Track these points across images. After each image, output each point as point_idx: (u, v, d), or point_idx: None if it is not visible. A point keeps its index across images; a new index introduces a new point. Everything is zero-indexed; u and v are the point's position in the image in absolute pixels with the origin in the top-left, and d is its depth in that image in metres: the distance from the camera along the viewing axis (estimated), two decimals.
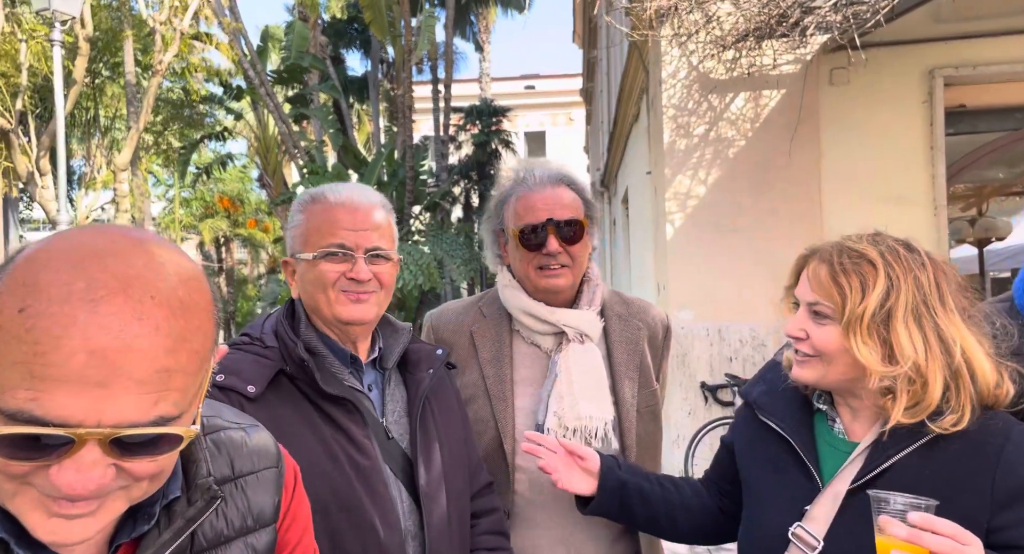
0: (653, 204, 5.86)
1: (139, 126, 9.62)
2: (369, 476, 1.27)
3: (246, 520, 0.81)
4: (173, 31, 9.55)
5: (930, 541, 0.93)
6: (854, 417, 1.20)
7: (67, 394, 0.57)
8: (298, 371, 1.26)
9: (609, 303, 1.71)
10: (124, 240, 0.64)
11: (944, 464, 1.09)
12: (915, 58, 4.87)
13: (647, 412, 1.66)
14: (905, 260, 1.13)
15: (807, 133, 4.98)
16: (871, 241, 1.17)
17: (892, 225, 4.90)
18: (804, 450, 1.19)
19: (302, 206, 1.35)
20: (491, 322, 1.67)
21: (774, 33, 4.29)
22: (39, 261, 0.60)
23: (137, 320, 0.60)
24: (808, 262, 1.20)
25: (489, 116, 15.64)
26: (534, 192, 1.60)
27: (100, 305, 0.59)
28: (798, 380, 1.21)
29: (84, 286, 0.59)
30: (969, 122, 5.23)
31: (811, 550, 1.13)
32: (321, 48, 13.89)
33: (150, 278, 0.62)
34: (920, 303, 1.10)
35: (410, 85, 11.88)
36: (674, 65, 5.16)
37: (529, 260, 1.58)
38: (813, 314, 1.17)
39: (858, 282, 1.11)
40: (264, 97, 12.01)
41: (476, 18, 20.55)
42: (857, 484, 1.12)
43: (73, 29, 8.39)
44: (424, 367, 1.42)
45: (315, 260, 1.30)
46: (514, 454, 1.59)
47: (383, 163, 11.71)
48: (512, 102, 18.79)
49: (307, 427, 1.25)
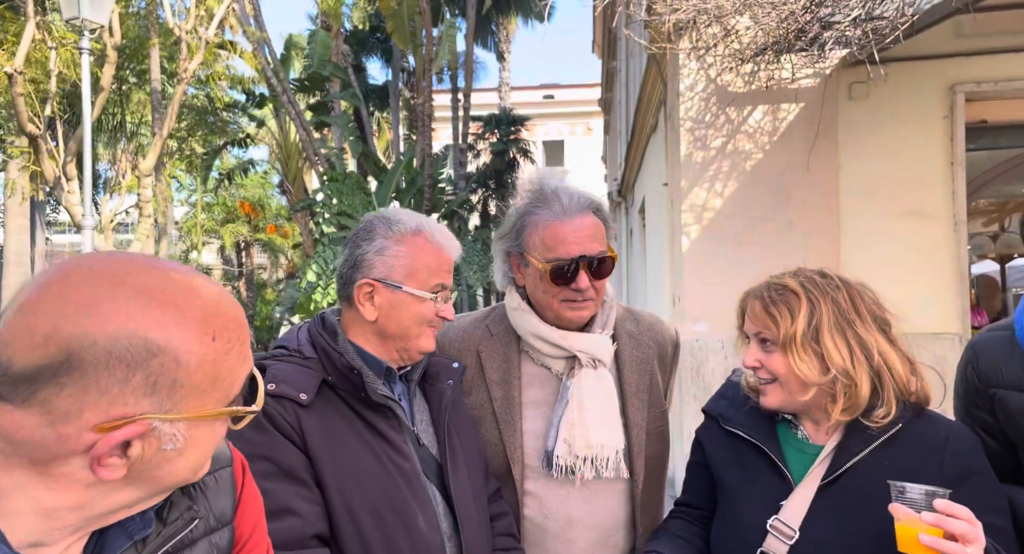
0: (669, 216, 5.86)
1: (163, 133, 9.78)
2: (411, 479, 1.33)
3: (208, 522, 0.85)
4: (199, 40, 9.72)
5: (954, 524, 1.04)
6: (816, 425, 1.39)
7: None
8: (341, 380, 1.32)
9: (620, 321, 1.68)
10: (216, 285, 0.77)
11: (900, 458, 1.28)
12: (936, 73, 4.83)
13: (655, 434, 1.65)
14: (821, 286, 1.34)
15: (825, 147, 4.95)
16: (792, 275, 1.39)
17: (911, 240, 4.84)
18: (775, 454, 1.37)
19: (402, 236, 1.38)
20: (499, 341, 1.64)
21: (793, 47, 4.28)
22: (213, 299, 0.72)
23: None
24: (747, 302, 1.42)
25: (508, 125, 15.72)
26: (564, 223, 1.52)
27: (245, 346, 0.75)
28: (767, 407, 1.39)
29: (238, 335, 0.74)
30: (991, 138, 5.17)
31: (788, 539, 1.28)
32: (343, 57, 14.06)
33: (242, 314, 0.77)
34: (840, 318, 1.31)
35: (430, 94, 11.99)
36: (692, 78, 5.17)
37: (555, 294, 1.55)
38: (761, 343, 1.37)
39: (786, 309, 1.32)
40: (286, 105, 12.18)
41: (497, 27, 20.67)
42: (827, 480, 1.29)
43: (102, 37, 8.57)
44: (444, 378, 1.49)
45: (423, 298, 1.37)
46: (523, 480, 1.57)
47: (402, 171, 11.81)
48: (531, 111, 18.86)
49: (353, 433, 1.31)
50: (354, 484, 1.28)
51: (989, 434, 1.41)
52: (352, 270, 1.39)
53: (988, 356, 1.40)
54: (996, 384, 1.38)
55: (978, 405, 1.42)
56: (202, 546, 0.83)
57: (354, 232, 1.44)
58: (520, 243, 1.59)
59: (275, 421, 1.26)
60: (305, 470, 1.26)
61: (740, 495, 1.40)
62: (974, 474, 1.27)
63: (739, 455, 1.43)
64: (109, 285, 0.66)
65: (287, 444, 1.26)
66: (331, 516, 1.27)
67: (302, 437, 1.27)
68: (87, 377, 0.63)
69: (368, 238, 1.39)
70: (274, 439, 1.25)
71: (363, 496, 1.28)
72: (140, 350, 0.65)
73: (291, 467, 1.24)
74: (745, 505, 1.38)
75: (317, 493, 1.27)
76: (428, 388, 1.48)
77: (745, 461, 1.41)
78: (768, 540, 1.31)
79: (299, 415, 1.27)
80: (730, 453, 1.45)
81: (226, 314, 0.72)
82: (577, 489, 1.57)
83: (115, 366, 0.64)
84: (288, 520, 1.20)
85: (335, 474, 1.27)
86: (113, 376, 0.64)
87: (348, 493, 1.27)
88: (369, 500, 1.28)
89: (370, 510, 1.27)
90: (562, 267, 1.52)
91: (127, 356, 0.64)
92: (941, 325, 4.55)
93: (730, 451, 1.45)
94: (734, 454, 1.44)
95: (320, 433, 1.28)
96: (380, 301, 1.37)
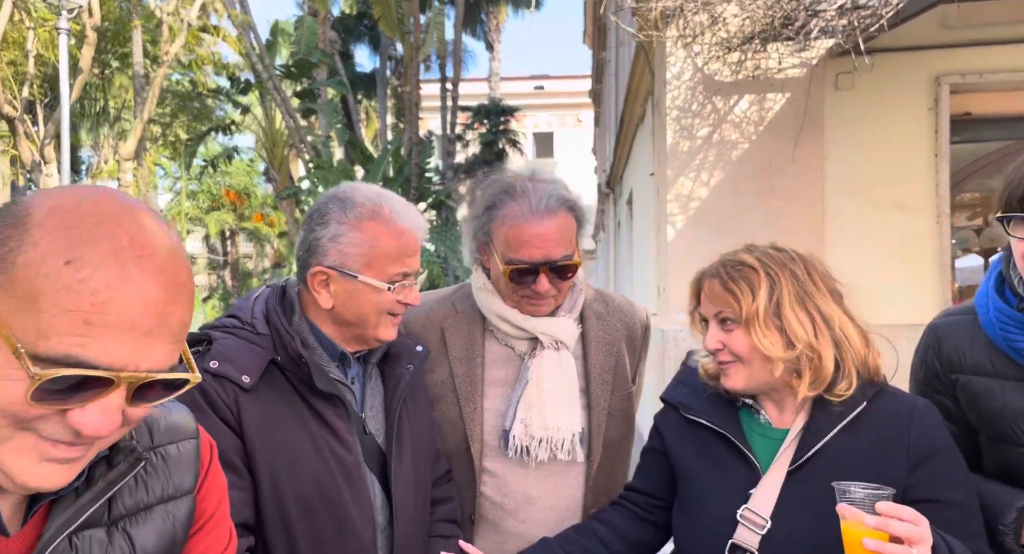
0: (655, 206, 5.84)
1: (144, 116, 9.64)
2: (351, 472, 1.28)
3: (166, 489, 0.83)
4: (180, 22, 9.57)
5: (896, 527, 1.02)
6: (778, 408, 1.35)
7: (117, 341, 0.63)
8: (290, 364, 1.26)
9: (588, 302, 1.66)
10: (134, 203, 0.70)
11: (866, 438, 1.26)
12: (922, 64, 4.83)
13: (620, 415, 1.63)
14: (778, 259, 1.31)
15: (811, 137, 4.94)
16: (746, 250, 1.35)
17: (895, 232, 4.85)
18: (741, 442, 1.32)
19: (357, 221, 1.29)
20: (464, 319, 1.62)
21: (779, 36, 4.26)
22: (71, 214, 0.64)
23: (174, 278, 0.67)
24: (702, 283, 1.37)
25: (497, 115, 15.66)
26: (530, 224, 1.45)
27: (146, 262, 0.65)
28: (729, 390, 1.34)
29: (127, 243, 0.65)
30: (975, 130, 5.18)
31: (760, 528, 1.24)
32: (330, 44, 13.91)
33: (173, 241, 0.69)
34: (799, 291, 1.28)
35: (417, 82, 11.90)
36: (679, 66, 5.14)
37: (514, 289, 1.52)
38: (720, 323, 1.32)
39: (746, 285, 1.28)
40: (272, 91, 12.04)
41: (487, 16, 20.54)
42: (795, 465, 1.26)
43: (81, 18, 8.42)
44: (404, 362, 1.43)
45: (382, 289, 1.29)
46: (481, 457, 1.56)
47: (389, 159, 11.72)
48: (521, 102, 18.79)
49: (295, 420, 1.26)
50: (287, 474, 1.23)
51: (949, 419, 1.38)
52: (307, 254, 1.32)
53: (950, 341, 1.38)
54: (959, 369, 1.35)
55: (938, 390, 1.40)
56: (159, 512, 0.81)
57: (309, 213, 1.35)
58: (487, 232, 1.54)
59: (213, 402, 1.21)
60: (237, 455, 1.22)
61: (706, 485, 1.35)
62: (938, 451, 1.25)
63: (702, 444, 1.38)
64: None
65: (222, 427, 1.21)
66: (259, 504, 1.23)
67: (239, 421, 1.22)
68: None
69: (322, 222, 1.30)
70: (210, 421, 1.20)
71: (295, 486, 1.23)
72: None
73: (223, 452, 1.18)
74: (712, 495, 1.33)
75: (247, 480, 1.22)
76: (387, 370, 1.43)
77: (709, 450, 1.37)
78: (739, 531, 1.26)
79: (239, 398, 1.22)
80: (692, 442, 1.40)
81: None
82: (535, 469, 1.55)
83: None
84: None
85: (268, 462, 1.23)
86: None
87: (279, 482, 1.23)
88: (300, 490, 1.24)
89: (300, 501, 1.23)
90: (522, 271, 1.47)
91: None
92: (923, 316, 4.55)
93: (692, 440, 1.40)
94: (696, 443, 1.39)
95: (259, 418, 1.23)
96: (336, 289, 1.30)
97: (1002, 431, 1.29)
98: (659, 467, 1.47)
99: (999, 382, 1.29)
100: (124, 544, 0.76)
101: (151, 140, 14.19)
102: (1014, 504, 1.24)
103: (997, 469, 1.34)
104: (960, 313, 1.41)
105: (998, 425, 1.29)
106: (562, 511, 1.57)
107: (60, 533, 0.71)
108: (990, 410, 1.30)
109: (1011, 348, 1.27)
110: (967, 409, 1.36)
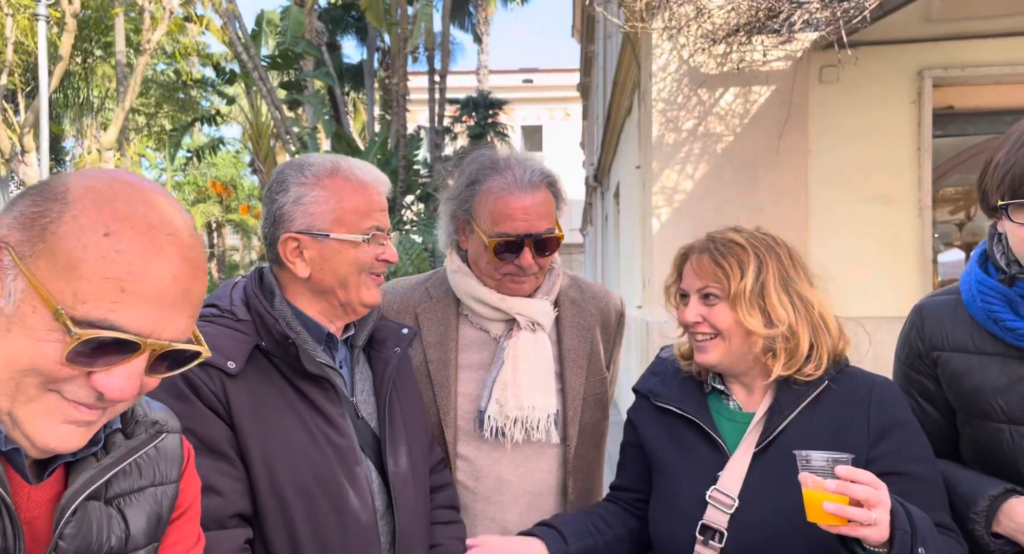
0: (641, 198, 5.84)
1: (125, 105, 9.52)
2: (346, 456, 1.26)
3: (156, 475, 0.87)
4: (163, 10, 9.44)
5: (855, 490, 1.05)
6: (747, 391, 1.38)
7: (147, 309, 0.69)
8: (275, 348, 1.23)
9: (564, 288, 1.67)
10: (157, 187, 0.77)
11: (828, 415, 1.29)
12: (905, 58, 4.85)
13: (594, 400, 1.64)
14: (765, 241, 1.35)
15: (795, 130, 4.96)
16: (734, 230, 1.38)
17: (877, 225, 4.89)
18: (708, 425, 1.35)
19: (317, 179, 1.26)
20: (438, 304, 1.62)
21: (764, 28, 4.26)
22: (105, 192, 0.71)
23: (197, 254, 0.75)
24: (687, 258, 1.39)
25: (485, 108, 15.59)
26: (514, 197, 1.48)
27: (175, 239, 0.72)
28: (703, 364, 1.37)
29: (159, 221, 0.72)
30: (958, 124, 5.21)
31: (728, 508, 1.28)
32: (317, 34, 13.76)
33: (191, 221, 0.77)
34: (784, 274, 1.32)
35: (405, 74, 11.81)
36: (664, 58, 5.13)
37: (497, 266, 1.52)
38: (703, 298, 1.34)
39: (736, 263, 1.31)
40: (257, 82, 11.92)
41: (475, 9, 20.43)
42: (761, 446, 1.30)
43: (60, 4, 8.28)
44: (391, 345, 1.41)
45: (356, 242, 1.25)
46: (455, 442, 1.55)
47: (376, 151, 11.64)
48: (509, 95, 18.72)
49: (285, 405, 1.23)
50: (282, 460, 1.20)
51: (929, 400, 1.40)
52: (273, 228, 1.28)
53: (933, 319, 1.39)
54: (940, 346, 1.36)
55: (919, 370, 1.41)
56: (149, 494, 0.85)
57: (267, 187, 1.31)
58: (468, 209, 1.55)
59: (199, 390, 1.17)
60: (229, 444, 1.18)
61: (677, 470, 1.37)
62: (898, 425, 1.28)
63: (672, 431, 1.40)
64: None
65: (210, 415, 1.18)
66: (255, 493, 1.20)
67: (227, 408, 1.19)
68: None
69: (282, 189, 1.27)
70: (197, 410, 1.17)
71: (291, 473, 1.21)
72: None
73: (214, 441, 1.17)
74: (682, 479, 1.36)
75: (241, 469, 1.19)
76: (374, 355, 1.40)
77: (679, 436, 1.39)
78: (708, 511, 1.29)
79: (225, 384, 1.19)
80: (663, 430, 1.42)
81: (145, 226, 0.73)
82: (508, 452, 1.55)
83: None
84: (209, 498, 1.11)
85: (261, 449, 1.19)
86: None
87: (274, 469, 1.20)
88: (297, 477, 1.21)
89: (297, 488, 1.20)
90: (507, 243, 1.48)
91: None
92: (905, 308, 4.58)
93: (663, 428, 1.42)
94: (668, 430, 1.41)
95: (248, 405, 1.20)
96: (311, 255, 1.26)
97: (980, 407, 1.29)
98: (636, 461, 1.48)
99: (979, 358, 1.30)
100: (119, 520, 0.81)
101: (135, 130, 14.02)
102: (986, 492, 1.24)
103: (974, 453, 1.34)
104: (944, 294, 1.43)
105: (976, 401, 1.29)
106: (534, 495, 1.57)
107: (86, 488, 0.76)
108: (969, 386, 1.30)
109: (990, 318, 1.27)
110: (947, 388, 1.36)
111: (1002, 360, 1.27)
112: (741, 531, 1.26)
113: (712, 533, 1.28)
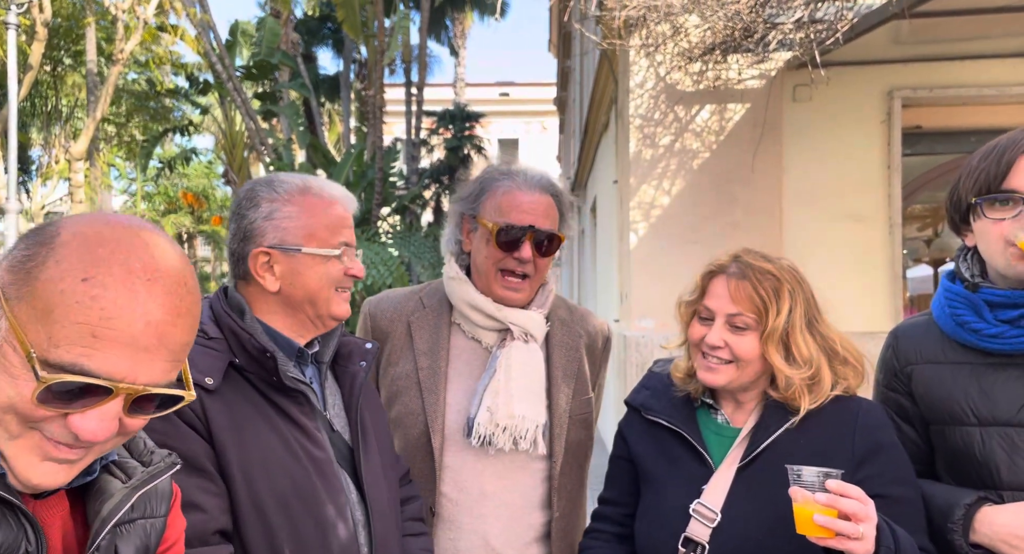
0: (618, 213, 5.88)
1: (97, 115, 9.35)
2: (325, 469, 1.27)
3: (146, 508, 0.89)
4: (136, 20, 9.31)
5: (844, 504, 1.08)
6: (738, 407, 1.40)
7: (118, 354, 0.70)
8: (250, 363, 1.24)
9: (554, 308, 1.70)
10: (153, 230, 0.78)
11: (814, 435, 1.31)
12: (875, 78, 4.97)
13: (579, 420, 1.64)
14: (794, 276, 1.34)
15: (770, 147, 5.04)
16: (764, 258, 1.36)
17: (849, 242, 4.97)
18: (695, 439, 1.37)
19: (289, 196, 1.29)
20: (431, 313, 1.65)
21: (739, 47, 4.33)
22: (91, 238, 0.72)
23: (179, 301, 0.74)
24: (715, 277, 1.36)
25: (462, 121, 15.61)
26: (523, 192, 1.57)
27: (155, 285, 0.72)
28: (709, 384, 1.36)
29: (140, 266, 0.72)
30: (927, 144, 5.34)
31: (710, 522, 1.29)
32: (293, 45, 13.71)
33: (182, 267, 0.77)
34: (810, 313, 1.33)
35: (381, 86, 11.79)
36: (642, 75, 5.19)
37: (496, 259, 1.56)
38: (731, 326, 1.32)
39: (774, 296, 1.30)
40: (232, 92, 11.80)
41: (452, 22, 20.53)
42: (745, 462, 1.31)
43: (31, 13, 8.13)
44: (356, 359, 1.43)
45: (328, 256, 1.28)
46: (442, 451, 1.56)
47: (352, 163, 11.57)
48: (486, 108, 18.78)
49: (262, 420, 1.23)
50: (262, 475, 1.20)
51: (905, 420, 1.43)
52: (243, 243, 1.29)
53: (907, 338, 1.45)
54: (914, 361, 1.41)
55: (895, 388, 1.44)
56: (140, 526, 0.87)
57: (236, 203, 1.33)
58: (476, 206, 1.61)
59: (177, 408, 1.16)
60: (209, 460, 1.18)
61: (663, 482, 1.39)
62: (882, 448, 1.30)
63: (661, 444, 1.42)
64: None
65: (189, 432, 1.17)
66: (236, 509, 1.19)
67: (206, 425, 1.18)
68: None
69: (253, 205, 1.29)
70: (176, 427, 1.16)
71: (271, 487, 1.21)
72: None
73: (194, 457, 1.16)
74: (668, 491, 1.37)
75: (221, 485, 1.18)
76: (339, 370, 1.42)
77: (667, 449, 1.40)
78: (691, 524, 1.30)
79: (204, 401, 1.18)
80: (652, 443, 1.43)
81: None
82: (492, 463, 1.56)
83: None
84: (191, 514, 1.10)
85: (241, 464, 1.19)
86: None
87: (255, 484, 1.19)
88: (277, 491, 1.21)
89: (278, 502, 1.20)
90: (510, 231, 1.53)
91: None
92: (875, 324, 4.68)
93: (652, 441, 1.43)
94: (656, 443, 1.42)
95: (226, 420, 1.20)
96: (281, 270, 1.27)
97: (951, 412, 1.33)
98: (626, 474, 1.49)
99: (950, 367, 1.35)
100: (110, 551, 0.83)
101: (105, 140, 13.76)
102: (961, 501, 1.27)
103: (947, 463, 1.37)
104: (919, 317, 1.49)
105: (948, 407, 1.33)
106: (516, 508, 1.57)
107: (118, 510, 0.80)
108: (941, 394, 1.35)
109: (957, 323, 1.32)
110: (920, 400, 1.39)
111: (971, 367, 1.32)
112: (722, 544, 1.27)
113: (694, 545, 1.29)
